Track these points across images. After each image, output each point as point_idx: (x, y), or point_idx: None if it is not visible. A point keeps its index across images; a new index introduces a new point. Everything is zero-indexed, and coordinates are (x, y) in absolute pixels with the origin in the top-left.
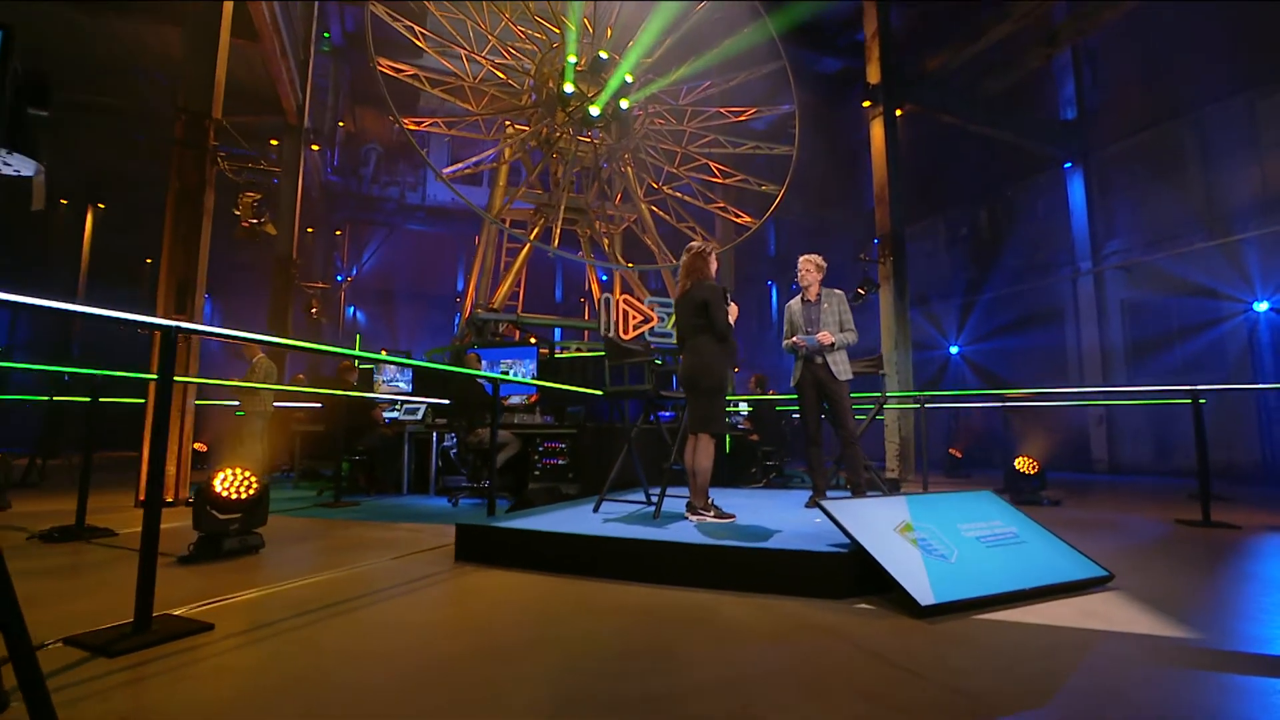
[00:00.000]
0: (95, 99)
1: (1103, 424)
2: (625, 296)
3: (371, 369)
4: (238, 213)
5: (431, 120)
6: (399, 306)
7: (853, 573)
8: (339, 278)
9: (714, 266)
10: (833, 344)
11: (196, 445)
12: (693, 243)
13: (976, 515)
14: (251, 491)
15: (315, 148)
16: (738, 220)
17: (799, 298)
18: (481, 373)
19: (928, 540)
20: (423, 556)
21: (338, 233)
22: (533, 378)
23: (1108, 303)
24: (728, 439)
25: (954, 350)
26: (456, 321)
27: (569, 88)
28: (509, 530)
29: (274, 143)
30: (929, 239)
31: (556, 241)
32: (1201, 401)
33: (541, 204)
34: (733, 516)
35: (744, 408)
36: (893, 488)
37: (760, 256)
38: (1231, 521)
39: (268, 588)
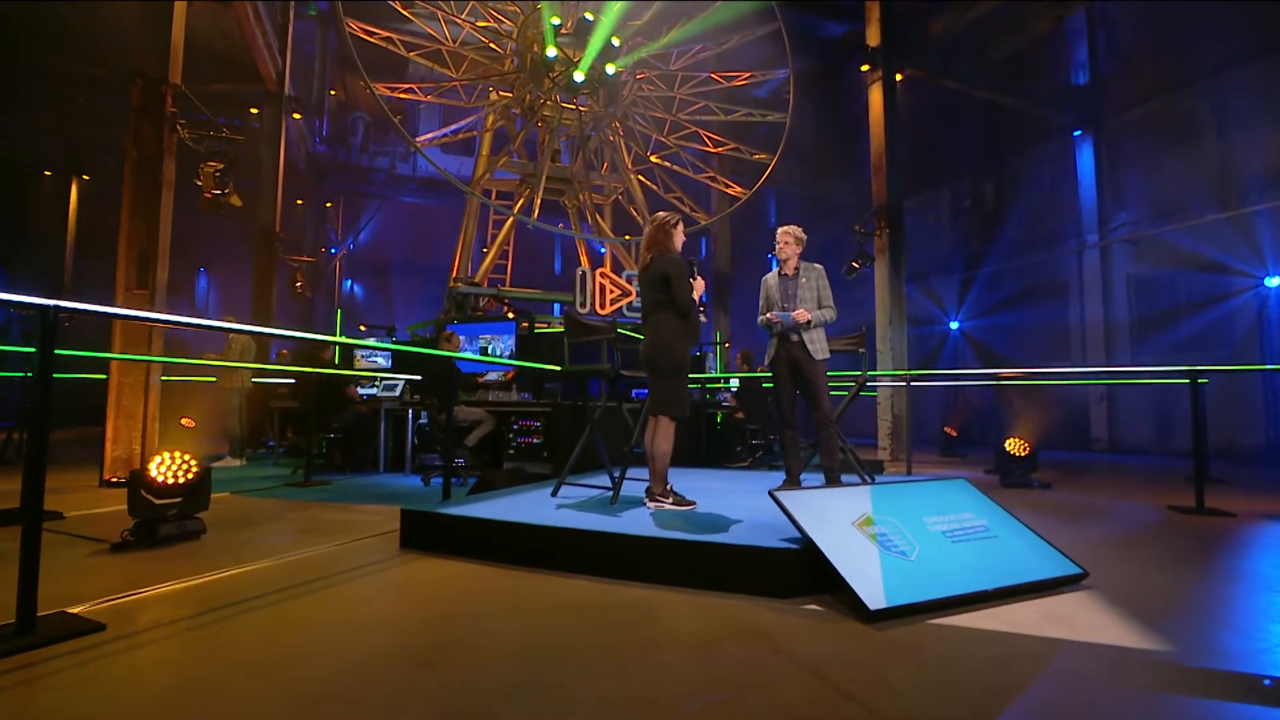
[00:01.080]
0: (73, 66)
1: (1103, 402)
2: (602, 270)
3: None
4: (199, 183)
5: (408, 86)
6: (394, 279)
7: (804, 570)
8: (333, 250)
9: (679, 239)
10: (809, 322)
11: (184, 420)
12: (658, 213)
13: (945, 507)
14: (191, 475)
15: (297, 116)
16: (728, 190)
17: (776, 271)
18: (432, 350)
19: (888, 536)
20: (368, 543)
21: (328, 205)
22: (511, 353)
23: (1113, 277)
24: (718, 415)
25: (954, 326)
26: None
27: (551, 52)
28: (452, 517)
29: (254, 111)
30: (931, 211)
31: (536, 213)
32: (1202, 381)
33: (527, 174)
34: (693, 504)
35: (734, 384)
36: (875, 470)
37: (759, 228)
38: (1226, 509)
39: (189, 579)
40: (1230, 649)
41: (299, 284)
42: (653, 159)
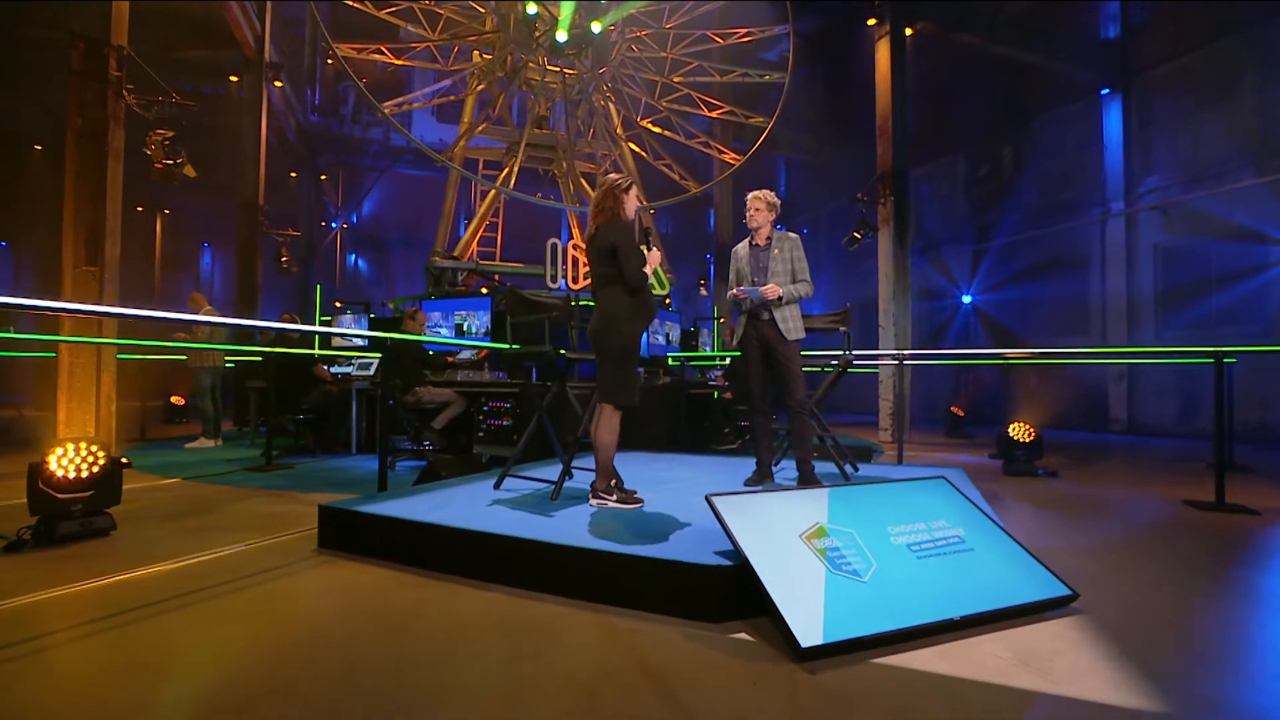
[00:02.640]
0: (54, 35)
1: (1124, 380)
2: (574, 242)
3: (331, 322)
4: (149, 152)
5: (376, 47)
6: (396, 253)
7: (738, 591)
8: (333, 224)
9: (631, 205)
10: (780, 298)
11: (174, 399)
12: (607, 176)
13: (917, 512)
14: (98, 468)
15: (279, 84)
16: (722, 156)
17: (746, 241)
18: (377, 332)
19: (840, 551)
20: (286, 543)
21: (323, 177)
22: (487, 329)
23: (1139, 247)
24: (715, 394)
25: (966, 300)
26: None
27: (532, 8)
28: (367, 516)
29: (233, 79)
30: (945, 179)
31: (513, 182)
32: (1229, 361)
33: (514, 142)
34: (639, 502)
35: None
36: (862, 458)
37: None
38: (1249, 504)
39: (64, 588)
40: (1240, 707)
41: (284, 259)
42: (644, 124)
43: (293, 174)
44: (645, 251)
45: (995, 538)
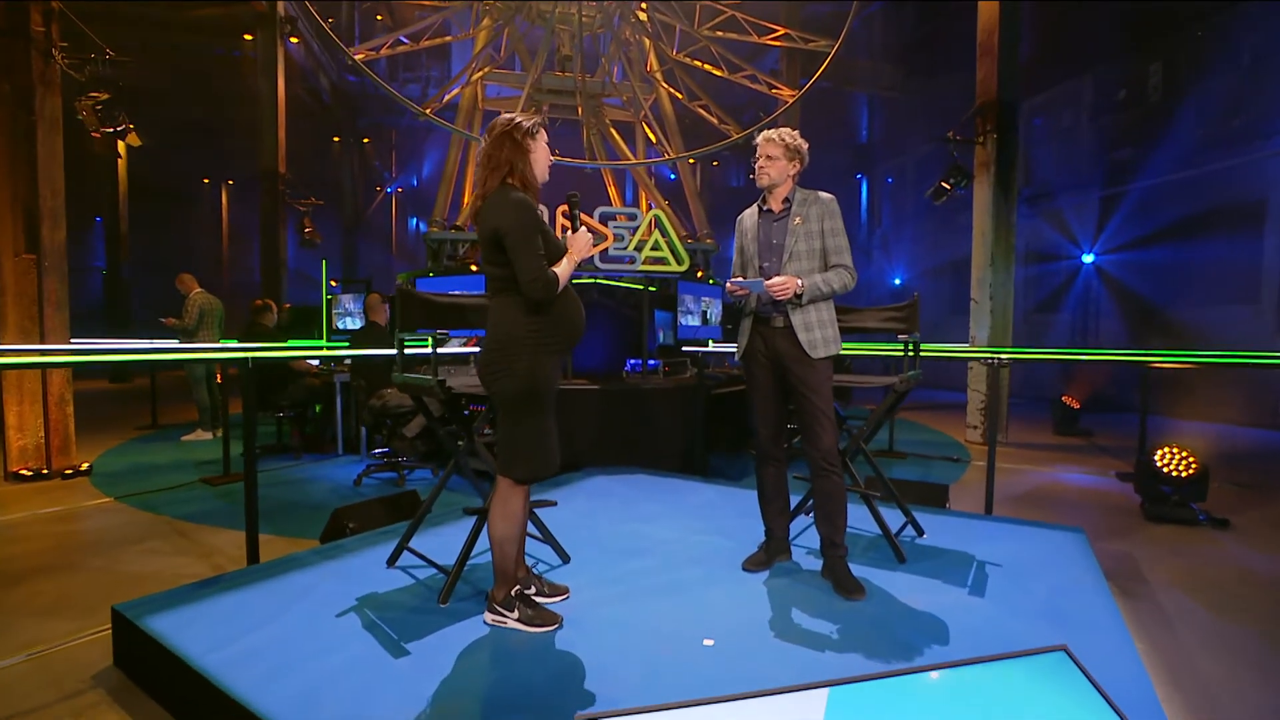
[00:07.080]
0: None
1: None
2: (565, 207)
3: (332, 301)
4: (83, 117)
5: None
6: (453, 217)
7: None
8: (388, 189)
9: (539, 163)
10: (799, 295)
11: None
12: (502, 116)
13: None
14: None
15: (295, 39)
16: (772, 92)
17: (756, 206)
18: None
19: None
20: (78, 651)
21: (366, 140)
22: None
23: None
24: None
25: (1087, 259)
26: None
27: None
28: (150, 642)
29: (248, 37)
30: (1067, 109)
31: None
32: None
33: (535, 90)
34: (553, 622)
35: None
36: (934, 500)
37: (847, 144)
38: None
39: None
40: None
41: (307, 230)
42: (678, 56)
43: (335, 138)
44: (568, 235)
45: None
